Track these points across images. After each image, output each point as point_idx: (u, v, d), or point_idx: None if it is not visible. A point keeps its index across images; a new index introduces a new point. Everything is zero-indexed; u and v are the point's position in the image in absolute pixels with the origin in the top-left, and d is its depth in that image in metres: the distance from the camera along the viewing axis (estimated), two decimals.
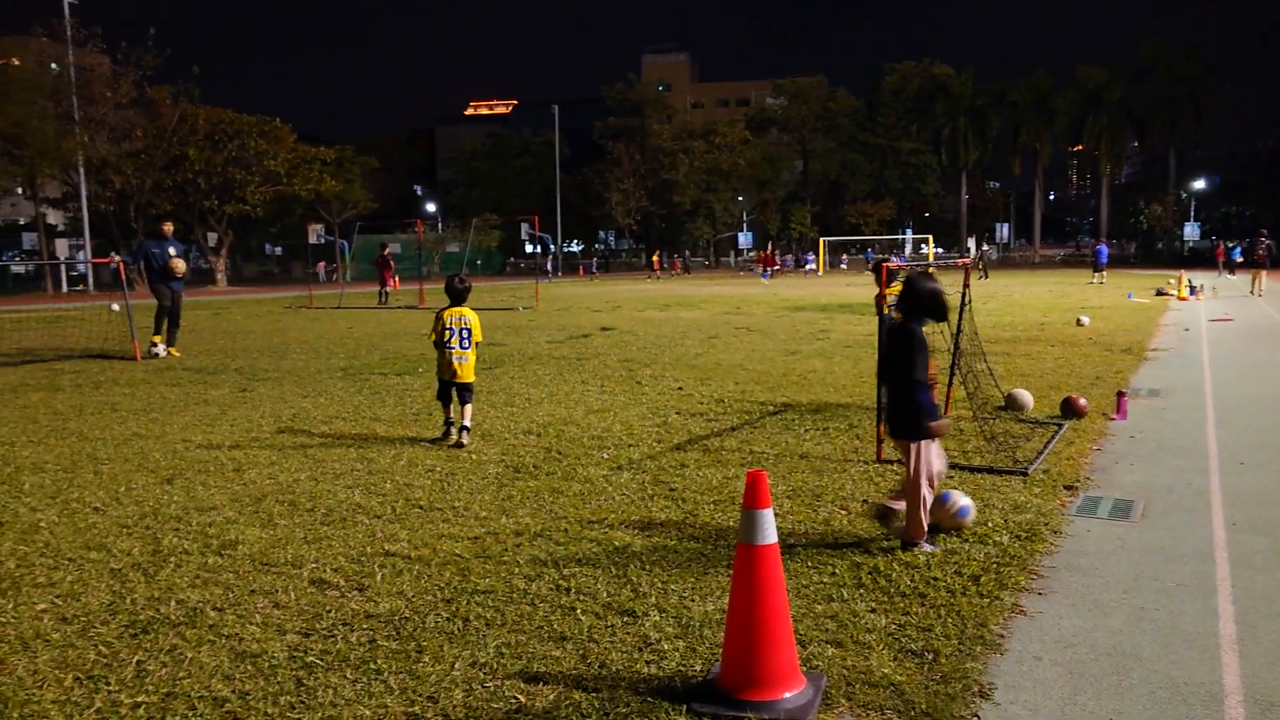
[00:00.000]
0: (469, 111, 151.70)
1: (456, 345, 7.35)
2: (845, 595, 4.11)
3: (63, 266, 46.41)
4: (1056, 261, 75.24)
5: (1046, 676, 3.38)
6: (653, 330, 17.47)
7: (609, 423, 8.14)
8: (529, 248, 70.17)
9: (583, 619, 3.87)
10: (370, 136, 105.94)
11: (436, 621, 3.85)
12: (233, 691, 3.26)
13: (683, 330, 17.39)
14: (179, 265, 14.13)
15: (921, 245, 65.82)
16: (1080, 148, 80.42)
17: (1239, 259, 40.75)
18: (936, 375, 6.64)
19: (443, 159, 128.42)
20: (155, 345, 13.90)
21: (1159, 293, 27.20)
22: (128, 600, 4.13)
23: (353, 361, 13.00)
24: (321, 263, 63.17)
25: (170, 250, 14.12)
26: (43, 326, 20.38)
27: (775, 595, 3.15)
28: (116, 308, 23.90)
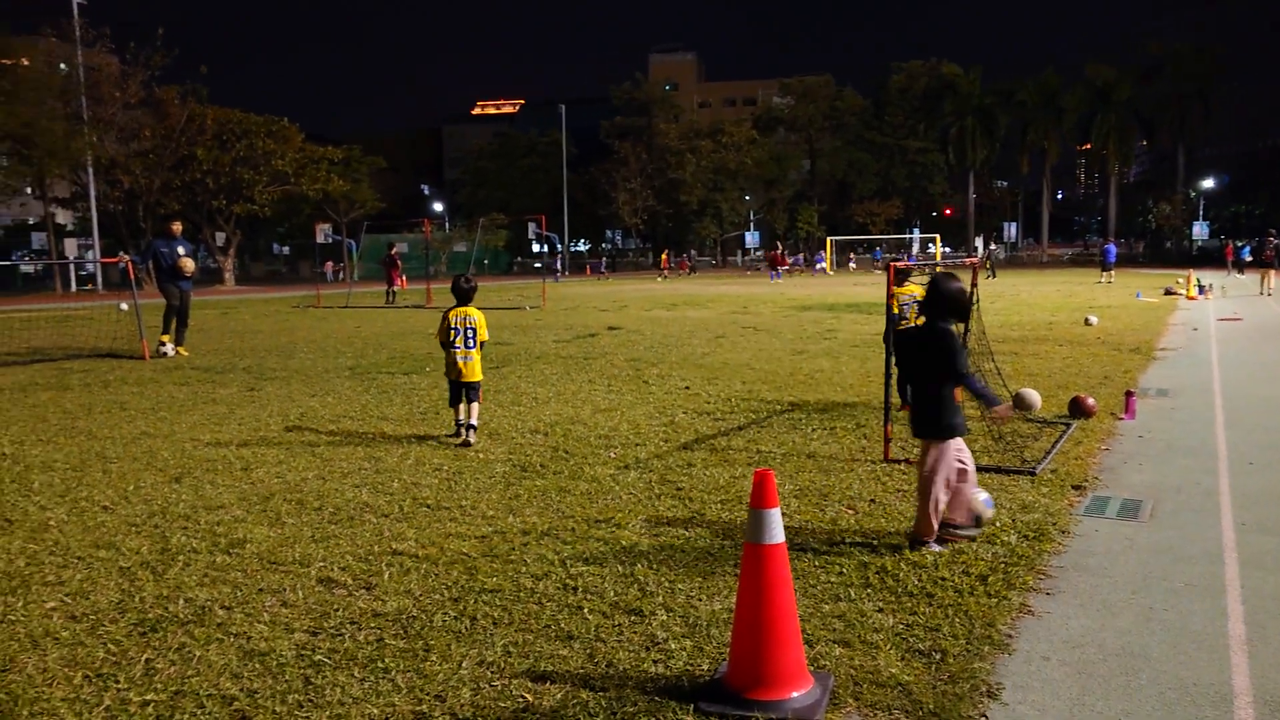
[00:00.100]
0: (476, 111, 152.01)
1: (461, 345, 7.38)
2: (853, 595, 4.10)
3: (71, 266, 46.57)
4: (1064, 261, 75.05)
5: (1055, 677, 3.37)
6: (660, 329, 17.48)
7: (616, 422, 8.15)
8: (535, 247, 70.19)
9: (590, 618, 3.87)
10: (377, 136, 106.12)
11: (444, 620, 3.86)
12: (241, 690, 3.27)
13: (690, 330, 17.38)
14: (188, 265, 14.17)
15: (929, 245, 65.64)
16: (1088, 146, 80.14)
17: (1248, 258, 40.68)
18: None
19: (450, 158, 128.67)
20: (164, 344, 13.95)
21: (1167, 292, 27.11)
22: (136, 598, 4.14)
23: (360, 361, 13.02)
24: (329, 262, 63.32)
25: (179, 250, 14.16)
26: (52, 326, 20.47)
27: (783, 594, 3.14)
28: (125, 307, 24.04)
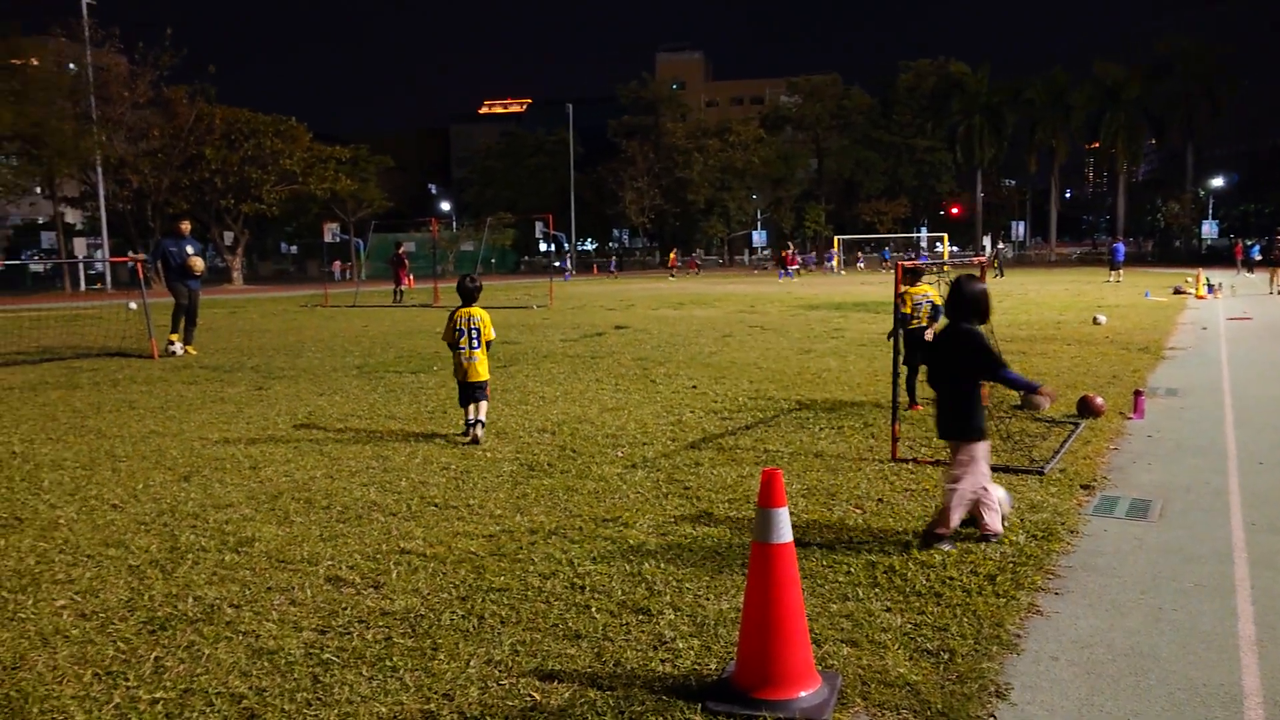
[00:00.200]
0: (483, 110, 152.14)
1: (467, 346, 7.38)
2: (860, 594, 4.10)
3: (81, 265, 46.82)
4: (1073, 260, 74.82)
5: (1063, 677, 3.36)
6: (667, 329, 17.47)
7: (623, 421, 8.15)
8: (542, 246, 70.27)
9: (597, 617, 3.87)
10: (385, 135, 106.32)
11: (452, 619, 3.87)
12: (249, 688, 3.28)
13: (697, 329, 17.37)
14: (197, 264, 14.21)
15: (937, 244, 65.48)
16: (1097, 145, 79.67)
17: (1258, 257, 40.42)
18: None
19: (457, 158, 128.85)
20: (172, 343, 13.99)
21: (1176, 291, 27.00)
22: (146, 597, 4.16)
23: (368, 360, 13.05)
24: (337, 261, 63.48)
25: (188, 249, 14.20)
26: (61, 325, 20.55)
27: (790, 594, 3.14)
28: (134, 306, 24.07)
